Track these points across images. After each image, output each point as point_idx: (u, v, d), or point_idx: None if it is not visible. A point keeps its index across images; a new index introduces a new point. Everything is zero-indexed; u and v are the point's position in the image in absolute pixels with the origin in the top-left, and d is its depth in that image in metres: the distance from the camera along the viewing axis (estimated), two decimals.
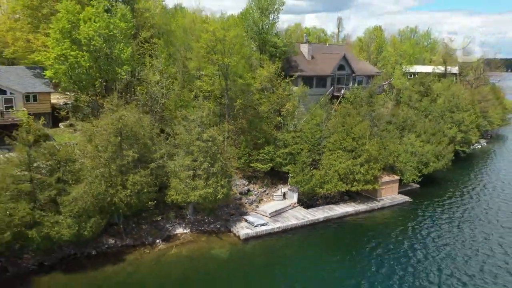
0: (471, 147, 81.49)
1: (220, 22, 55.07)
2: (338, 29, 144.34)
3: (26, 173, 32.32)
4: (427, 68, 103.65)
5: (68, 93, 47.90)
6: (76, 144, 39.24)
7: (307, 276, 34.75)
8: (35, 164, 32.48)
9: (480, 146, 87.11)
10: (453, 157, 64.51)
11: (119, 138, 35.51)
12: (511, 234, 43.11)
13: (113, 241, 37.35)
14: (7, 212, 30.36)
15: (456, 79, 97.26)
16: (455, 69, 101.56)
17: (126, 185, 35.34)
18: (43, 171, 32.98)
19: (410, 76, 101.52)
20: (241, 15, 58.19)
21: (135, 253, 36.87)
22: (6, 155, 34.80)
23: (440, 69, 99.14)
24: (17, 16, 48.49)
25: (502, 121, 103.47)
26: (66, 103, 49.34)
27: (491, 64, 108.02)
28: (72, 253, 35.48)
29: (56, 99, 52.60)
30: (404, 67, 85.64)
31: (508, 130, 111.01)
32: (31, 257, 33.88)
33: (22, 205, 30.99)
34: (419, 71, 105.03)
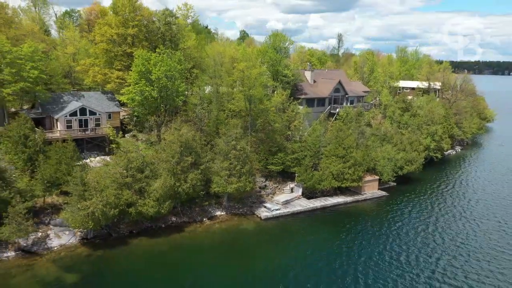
0: (446, 153, 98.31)
1: (245, 56, 71.74)
2: (339, 44, 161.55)
3: (124, 171, 49.40)
4: (413, 84, 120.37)
5: (132, 111, 64.91)
6: (141, 150, 56.24)
7: (308, 242, 51.66)
8: (131, 165, 49.48)
9: (454, 152, 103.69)
10: (428, 161, 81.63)
11: (182, 148, 52.57)
12: (458, 213, 59.83)
13: (175, 219, 54.44)
14: (115, 197, 47.37)
15: (437, 94, 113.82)
16: (438, 85, 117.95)
17: (186, 180, 52.37)
18: (134, 170, 49.91)
19: (400, 90, 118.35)
20: (259, 51, 75.02)
21: (190, 226, 53.97)
22: (108, 158, 52.06)
23: (424, 84, 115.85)
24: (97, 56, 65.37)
25: (478, 130, 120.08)
26: (131, 119, 66.33)
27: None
28: (150, 225, 52.51)
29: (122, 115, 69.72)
30: (391, 85, 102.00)
31: (485, 138, 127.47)
32: (125, 227, 50.97)
33: (125, 192, 48.12)
34: (406, 86, 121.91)
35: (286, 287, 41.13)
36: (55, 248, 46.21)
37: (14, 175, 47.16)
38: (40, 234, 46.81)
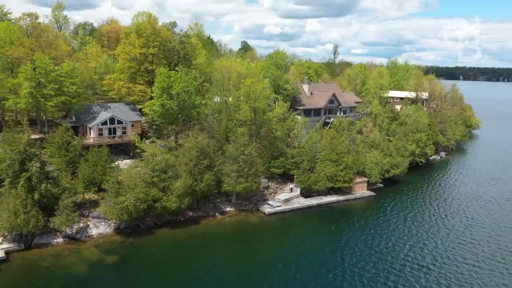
0: (431, 158, 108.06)
1: (249, 71, 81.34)
2: (334, 55, 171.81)
3: (151, 172, 58.77)
4: (402, 94, 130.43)
5: (151, 120, 74.31)
6: (161, 155, 65.54)
7: (305, 234, 61.08)
8: (156, 167, 58.87)
9: (439, 158, 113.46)
10: (414, 166, 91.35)
11: (198, 153, 62.02)
12: (433, 210, 69.38)
13: (192, 213, 63.76)
14: (144, 193, 56.69)
15: (424, 104, 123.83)
16: (425, 95, 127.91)
17: (202, 180, 61.76)
18: (159, 171, 59.26)
19: (390, 100, 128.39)
20: (263, 67, 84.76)
21: (205, 220, 63.29)
22: (132, 162, 61.46)
23: (413, 95, 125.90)
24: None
25: (462, 137, 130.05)
26: (151, 127, 75.68)
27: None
28: (171, 218, 61.74)
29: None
30: (381, 96, 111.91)
31: (469, 144, 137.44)
32: (151, 219, 60.25)
33: (152, 190, 57.50)
34: (396, 96, 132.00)
35: (286, 268, 50.43)
36: (95, 236, 55.45)
37: (59, 176, 56.37)
38: (82, 224, 55.98)
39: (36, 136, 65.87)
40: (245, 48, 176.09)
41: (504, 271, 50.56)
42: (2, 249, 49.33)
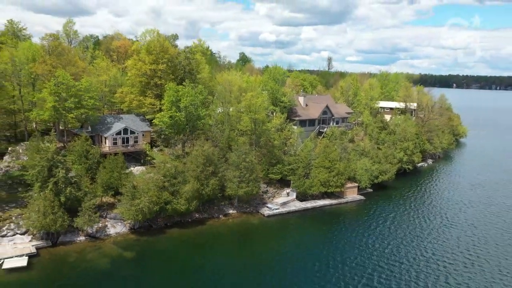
0: (418, 165, 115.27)
1: (249, 85, 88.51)
2: (329, 67, 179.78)
3: (162, 177, 65.45)
4: (392, 104, 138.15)
5: (160, 130, 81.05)
6: (171, 162, 72.22)
7: (301, 234, 67.85)
8: (167, 173, 65.56)
9: (426, 165, 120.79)
10: (402, 172, 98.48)
11: (204, 160, 68.79)
12: (415, 211, 76.36)
13: (198, 215, 70.36)
14: (157, 197, 63.27)
15: (412, 114, 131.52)
16: (414, 105, 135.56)
17: (208, 185, 68.48)
18: (170, 177, 65.93)
19: (381, 110, 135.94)
20: (261, 81, 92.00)
21: (210, 221, 69.91)
22: (144, 168, 68.14)
23: (402, 105, 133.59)
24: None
25: (448, 145, 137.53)
26: (159, 136, 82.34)
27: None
28: (179, 220, 68.26)
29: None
30: (371, 107, 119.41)
31: (456, 152, 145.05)
32: (162, 220, 66.77)
33: (163, 193, 64.14)
34: (386, 106, 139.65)
35: (283, 264, 57.04)
36: (112, 234, 61.91)
37: (80, 180, 62.90)
38: (101, 224, 62.43)
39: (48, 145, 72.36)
40: (244, 59, 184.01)
41: (468, 262, 57.51)
42: (33, 245, 55.70)
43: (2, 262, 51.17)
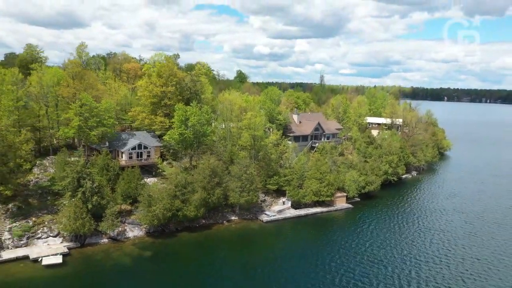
0: (403, 176, 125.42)
1: (248, 104, 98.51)
2: (321, 83, 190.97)
3: (174, 187, 74.76)
4: (380, 120, 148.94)
5: (169, 145, 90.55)
6: (181, 174, 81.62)
7: (295, 237, 77.27)
8: (178, 184, 74.87)
9: (410, 176, 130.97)
10: (387, 183, 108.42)
11: (210, 173, 78.31)
12: (396, 218, 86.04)
13: (204, 221, 79.55)
14: (170, 204, 72.48)
15: (398, 129, 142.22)
16: (400, 121, 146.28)
17: (213, 194, 77.84)
18: (180, 187, 75.21)
19: (369, 125, 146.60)
20: (259, 100, 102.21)
21: (215, 226, 79.15)
22: (160, 179, 77.57)
23: (388, 121, 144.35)
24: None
25: (431, 158, 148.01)
26: (168, 151, 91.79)
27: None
28: (188, 225, 77.37)
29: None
30: (360, 123, 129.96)
31: (440, 164, 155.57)
32: (173, 225, 75.87)
33: (175, 201, 73.42)
34: (374, 122, 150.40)
35: (279, 263, 66.23)
36: (131, 237, 70.92)
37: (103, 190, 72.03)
38: (120, 228, 71.43)
39: (76, 159, 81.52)
40: (241, 76, 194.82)
41: (437, 260, 67.15)
42: (64, 246, 64.62)
43: (41, 260, 60.03)
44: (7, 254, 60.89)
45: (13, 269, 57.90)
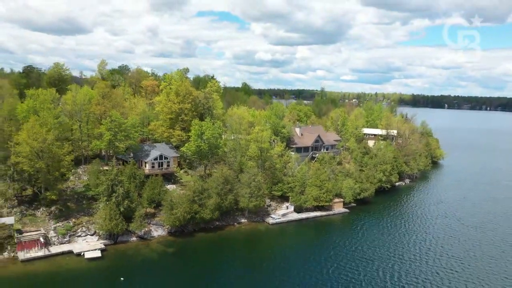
0: (397, 184, 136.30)
1: (255, 118, 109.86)
2: (321, 96, 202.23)
3: (192, 193, 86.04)
4: (376, 131, 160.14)
5: (186, 156, 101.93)
6: (198, 181, 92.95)
7: (298, 238, 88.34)
8: (196, 190, 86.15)
9: (403, 184, 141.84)
10: (382, 190, 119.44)
11: (224, 180, 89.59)
12: (388, 221, 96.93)
13: (218, 222, 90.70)
14: (189, 207, 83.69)
15: (393, 140, 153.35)
16: (395, 132, 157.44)
17: (226, 199, 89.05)
18: (198, 192, 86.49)
19: (366, 136, 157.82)
20: (265, 115, 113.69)
21: (227, 228, 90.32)
22: (178, 186, 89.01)
23: (384, 132, 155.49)
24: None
25: (424, 167, 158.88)
26: (184, 161, 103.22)
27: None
28: (204, 226, 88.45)
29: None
30: (357, 135, 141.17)
31: (433, 173, 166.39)
32: (191, 226, 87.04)
33: (194, 205, 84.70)
34: (370, 133, 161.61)
35: (284, 260, 77.23)
36: (156, 236, 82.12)
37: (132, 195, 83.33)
38: (147, 229, 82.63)
39: (106, 168, 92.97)
40: (245, 89, 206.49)
41: (423, 259, 78.03)
42: (101, 243, 75.88)
43: (83, 254, 71.29)
44: (54, 249, 72.21)
45: (61, 262, 69.24)
